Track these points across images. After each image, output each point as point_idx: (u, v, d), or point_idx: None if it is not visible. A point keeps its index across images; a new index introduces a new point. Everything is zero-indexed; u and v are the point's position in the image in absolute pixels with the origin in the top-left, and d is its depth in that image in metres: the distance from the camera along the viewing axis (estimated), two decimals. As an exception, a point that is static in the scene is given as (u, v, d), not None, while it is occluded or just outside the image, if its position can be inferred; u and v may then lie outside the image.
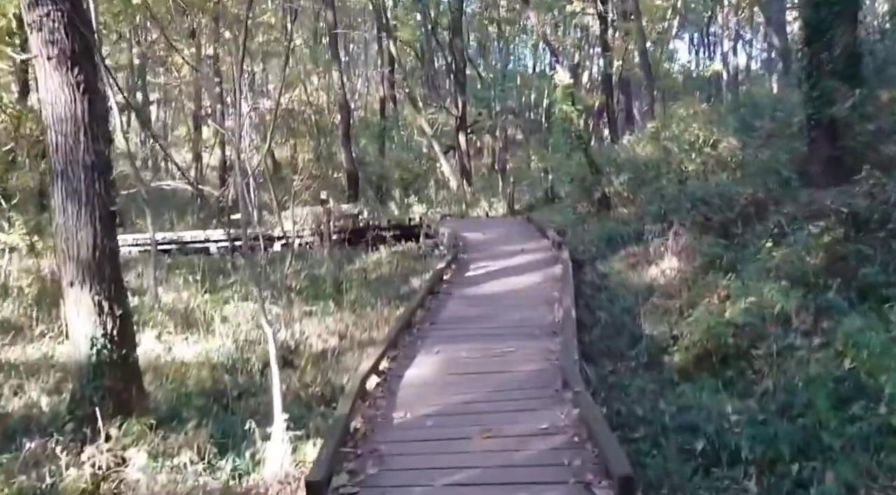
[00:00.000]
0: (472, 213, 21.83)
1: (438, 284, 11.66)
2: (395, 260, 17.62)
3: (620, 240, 13.81)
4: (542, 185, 23.23)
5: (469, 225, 19.07)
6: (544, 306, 10.17)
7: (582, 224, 16.03)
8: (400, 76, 34.19)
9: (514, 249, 14.63)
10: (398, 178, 37.05)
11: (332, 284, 14.89)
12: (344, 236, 21.24)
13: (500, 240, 15.89)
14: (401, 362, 8.13)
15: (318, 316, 13.06)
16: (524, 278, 12.00)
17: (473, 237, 16.40)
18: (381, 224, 20.52)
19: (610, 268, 12.97)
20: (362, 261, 18.41)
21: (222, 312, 13.37)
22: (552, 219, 17.39)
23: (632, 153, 17.64)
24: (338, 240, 21.42)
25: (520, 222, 18.83)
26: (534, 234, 16.46)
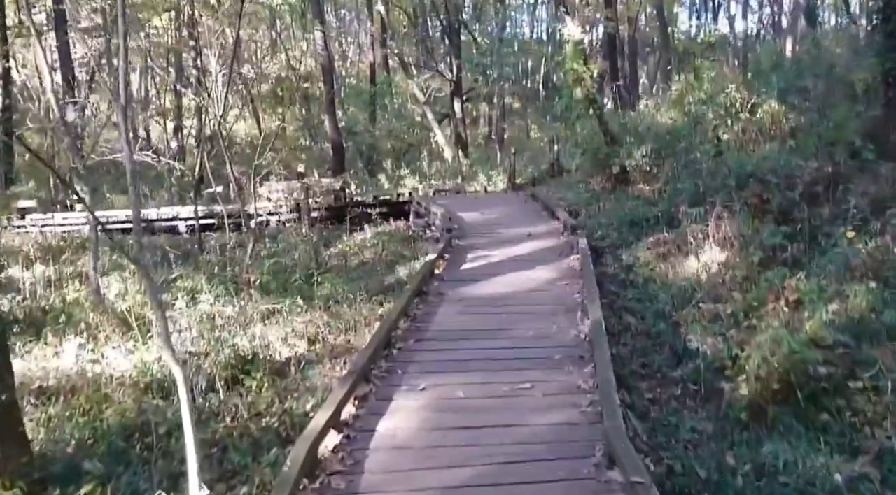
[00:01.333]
0: (468, 188, 19.45)
1: (428, 281, 9.31)
2: (381, 242, 15.28)
3: (646, 224, 11.50)
4: (547, 157, 20.79)
5: (465, 202, 16.69)
6: (564, 314, 7.85)
7: (597, 202, 13.68)
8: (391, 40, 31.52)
9: (519, 233, 12.29)
10: (389, 149, 34.67)
11: (304, 275, 12.55)
12: (325, 214, 18.90)
13: (502, 222, 13.54)
14: (372, 406, 5.81)
15: (284, 315, 10.77)
16: (534, 273, 9.66)
17: (470, 217, 14.04)
18: (367, 200, 18.12)
19: (635, 258, 10.66)
20: (343, 243, 16.06)
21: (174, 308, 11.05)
22: (561, 196, 15.02)
23: (652, 120, 15.21)
24: (318, 218, 19.08)
25: (523, 199, 16.46)
26: (541, 215, 14.10)
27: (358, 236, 16.54)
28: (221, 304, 10.90)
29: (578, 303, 8.19)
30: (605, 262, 10.75)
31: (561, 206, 13.74)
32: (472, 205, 15.75)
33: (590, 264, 9.34)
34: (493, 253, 10.91)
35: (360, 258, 14.45)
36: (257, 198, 19.80)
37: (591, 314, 7.36)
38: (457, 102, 25.27)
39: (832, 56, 14.10)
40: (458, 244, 11.55)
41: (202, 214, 19.65)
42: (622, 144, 14.18)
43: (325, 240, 16.86)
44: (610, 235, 11.68)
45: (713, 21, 45.66)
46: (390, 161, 29.70)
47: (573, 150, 16.26)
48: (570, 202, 14.14)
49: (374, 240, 15.67)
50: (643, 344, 8.20)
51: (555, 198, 14.90)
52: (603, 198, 13.79)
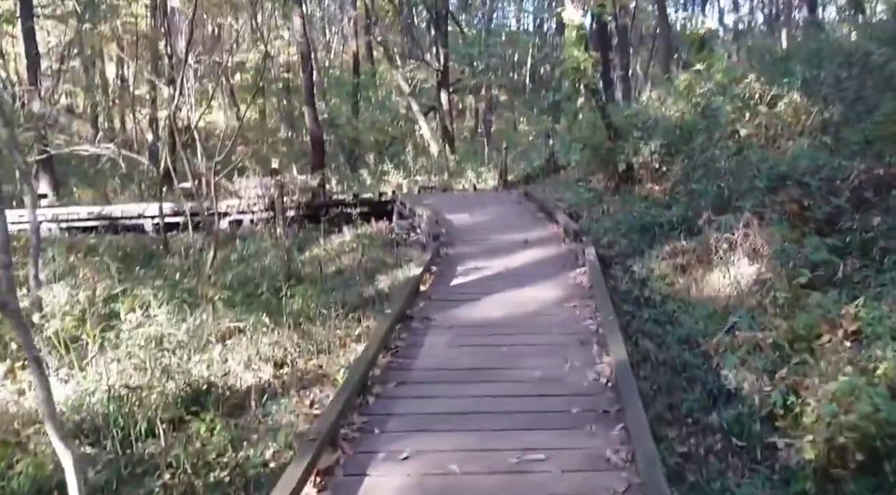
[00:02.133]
0: (456, 186, 17.99)
1: (412, 302, 7.86)
2: (361, 246, 13.83)
3: (659, 230, 10.11)
4: (540, 152, 19.36)
5: (453, 202, 15.23)
6: (576, 348, 6.44)
7: (599, 204, 12.27)
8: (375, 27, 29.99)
9: (514, 240, 10.87)
10: (373, 142, 33.18)
11: (273, 286, 11.10)
12: (301, 213, 17.41)
13: (495, 226, 12.11)
14: (339, 486, 4.39)
15: (248, 333, 9.35)
16: (536, 291, 8.24)
17: (460, 220, 12.61)
18: (347, 199, 16.64)
19: (649, 270, 9.28)
20: (320, 247, 14.60)
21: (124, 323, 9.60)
22: (559, 197, 13.59)
23: (657, 113, 13.80)
24: (294, 217, 17.59)
25: (516, 199, 15.03)
26: (537, 217, 12.68)
27: (336, 239, 15.09)
28: (175, 322, 9.44)
29: (593, 332, 6.78)
30: (614, 275, 9.35)
31: (560, 208, 12.32)
32: (460, 206, 14.31)
33: (601, 281, 7.94)
34: (487, 264, 9.48)
35: (337, 265, 13.00)
36: (228, 195, 18.32)
37: (611, 350, 5.96)
38: (444, 94, 23.81)
39: (852, 45, 12.72)
40: (446, 253, 10.11)
41: (170, 212, 18.16)
42: (627, 140, 12.76)
43: (300, 242, 15.41)
44: (618, 243, 10.28)
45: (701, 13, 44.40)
46: (373, 155, 28.25)
47: (573, 146, 14.81)
48: (569, 203, 12.72)
49: (354, 244, 14.23)
50: (667, 378, 6.83)
51: (552, 199, 13.48)
52: (606, 199, 12.39)
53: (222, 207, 18.00)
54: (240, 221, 18.36)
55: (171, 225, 16.78)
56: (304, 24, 21.44)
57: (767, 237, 8.25)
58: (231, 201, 18.50)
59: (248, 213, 18.02)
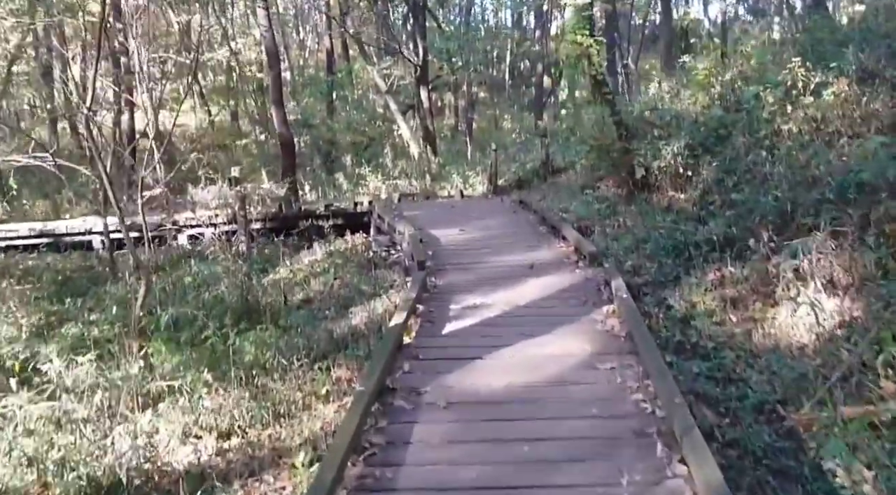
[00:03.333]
0: (440, 192, 15.88)
1: (394, 363, 5.76)
2: (334, 267, 11.75)
3: (696, 252, 8.10)
4: (531, 152, 17.29)
5: (439, 212, 13.15)
6: (631, 447, 4.40)
7: (613, 216, 10.26)
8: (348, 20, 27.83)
9: (517, 263, 8.84)
10: (349, 143, 31.10)
11: (225, 323, 9.03)
12: (269, 226, 15.33)
13: (491, 244, 10.05)
14: None
15: (188, 392, 7.30)
16: (556, 341, 6.19)
17: (448, 237, 10.55)
18: (319, 210, 14.51)
19: (690, 304, 7.27)
20: (287, 267, 12.49)
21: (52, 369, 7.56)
22: (562, 207, 11.54)
23: (671, 108, 11.80)
24: (261, 230, 15.50)
25: (510, 207, 12.97)
26: (538, 232, 10.63)
27: (306, 257, 12.98)
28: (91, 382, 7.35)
29: (648, 415, 4.74)
30: (645, 309, 7.32)
31: (566, 221, 10.29)
32: (447, 218, 12.25)
33: (644, 332, 5.89)
34: (486, 300, 7.41)
35: (305, 291, 10.92)
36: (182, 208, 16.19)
37: (692, 462, 3.93)
38: (423, 91, 21.69)
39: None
40: (434, 285, 8.03)
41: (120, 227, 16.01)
42: (642, 139, 10.76)
43: (265, 261, 13.31)
44: (644, 267, 8.27)
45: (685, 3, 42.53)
46: (350, 157, 26.18)
47: (577, 147, 12.71)
48: (576, 215, 10.70)
49: (325, 264, 12.13)
50: (739, 464, 4.87)
51: (553, 209, 11.44)
52: (620, 210, 10.38)
53: (181, 220, 15.88)
54: (200, 236, 16.23)
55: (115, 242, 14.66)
56: (269, 17, 19.25)
57: (850, 264, 6.28)
58: (191, 213, 16.37)
59: (208, 227, 15.88)
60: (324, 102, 31.89)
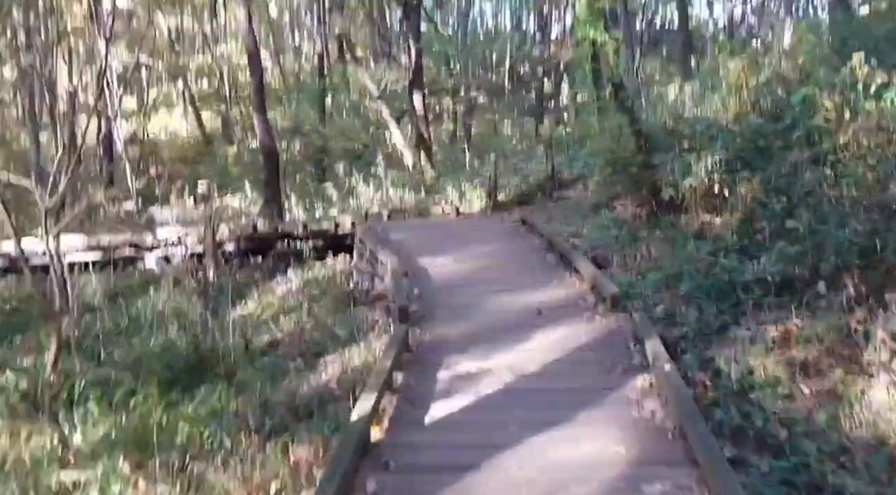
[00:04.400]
0: (434, 208, 14.09)
1: (352, 484, 4.01)
2: (308, 300, 10.05)
3: (746, 295, 6.38)
4: (534, 164, 15.54)
5: (431, 234, 11.39)
6: None
7: (633, 243, 8.54)
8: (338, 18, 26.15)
9: (520, 306, 7.13)
10: (342, 151, 29.44)
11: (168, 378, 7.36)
12: (243, 247, 13.63)
13: (490, 277, 8.33)
14: None
15: (101, 486, 5.59)
16: (578, 436, 4.44)
17: (439, 269, 8.83)
18: (297, 231, 12.78)
19: (745, 369, 5.55)
20: (256, 300, 10.80)
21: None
22: (572, 231, 9.79)
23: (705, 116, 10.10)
24: (235, 252, 13.80)
25: (512, 229, 11.23)
26: (545, 262, 8.90)
27: (279, 286, 11.28)
28: None
29: None
30: (686, 374, 5.59)
31: (578, 249, 8.58)
32: (440, 242, 10.53)
33: (702, 430, 4.17)
34: (484, 365, 5.67)
35: (272, 331, 9.21)
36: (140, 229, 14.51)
37: None
38: (417, 96, 19.95)
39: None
40: (419, 342, 6.30)
41: (85, 247, 14.37)
42: (666, 151, 9.04)
43: (234, 291, 11.60)
44: (679, 313, 6.56)
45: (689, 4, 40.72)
46: (343, 165, 24.47)
47: (589, 160, 10.90)
48: (590, 241, 8.96)
49: (300, 297, 10.43)
50: None
51: (562, 232, 9.70)
52: (643, 236, 8.66)
53: (149, 240, 14.18)
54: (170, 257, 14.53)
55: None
56: (249, 17, 17.58)
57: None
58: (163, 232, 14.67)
59: (179, 246, 14.16)
60: (315, 108, 30.27)
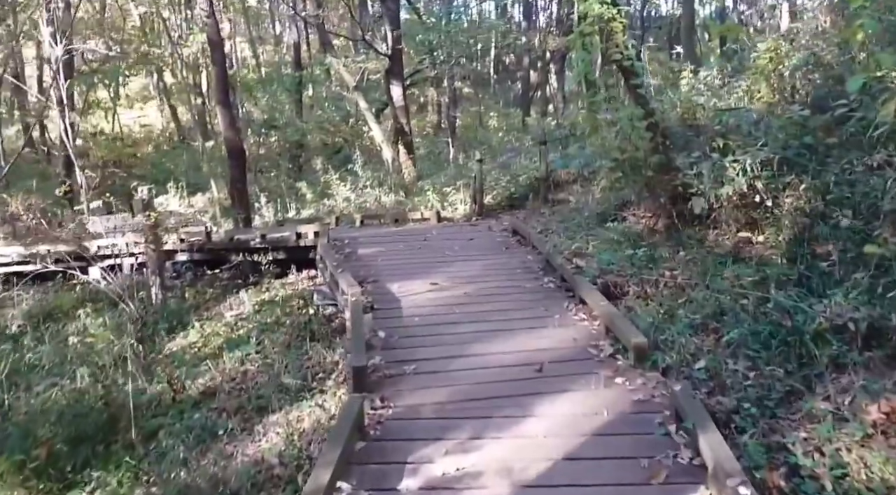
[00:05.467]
0: (412, 214, 12.18)
1: None
2: (259, 328, 8.28)
3: (821, 347, 4.65)
4: (528, 162, 13.70)
5: (407, 248, 9.53)
6: None
7: (652, 264, 6.77)
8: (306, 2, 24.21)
9: (515, 360, 5.39)
10: (320, 145, 27.65)
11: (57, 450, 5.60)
12: (196, 257, 11.86)
13: (477, 315, 6.49)
14: None
15: None
16: None
17: (414, 300, 7.03)
18: (254, 242, 10.95)
19: (832, 458, 3.83)
20: (199, 328, 9.00)
21: None
22: (574, 244, 7.98)
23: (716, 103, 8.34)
24: (187, 263, 12.04)
25: (501, 241, 9.44)
26: (543, 286, 7.15)
27: (229, 311, 9.47)
28: None
29: None
30: (745, 465, 3.87)
31: (583, 274, 6.81)
32: (416, 259, 8.76)
33: None
34: (464, 464, 3.90)
35: (212, 372, 7.43)
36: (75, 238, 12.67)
37: None
38: (395, 86, 18.06)
39: None
40: (379, 421, 4.54)
41: (19, 257, 12.64)
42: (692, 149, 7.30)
43: (177, 315, 9.83)
44: (726, 370, 4.82)
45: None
46: (321, 160, 22.66)
47: (591, 160, 8.97)
48: (598, 261, 7.17)
49: (251, 324, 8.64)
50: None
51: (559, 245, 7.92)
52: (663, 256, 6.91)
53: (93, 248, 12.33)
54: (118, 268, 12.70)
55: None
56: (211, 2, 15.67)
57: None
58: (103, 241, 12.83)
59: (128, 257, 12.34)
60: (293, 100, 28.40)
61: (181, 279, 11.92)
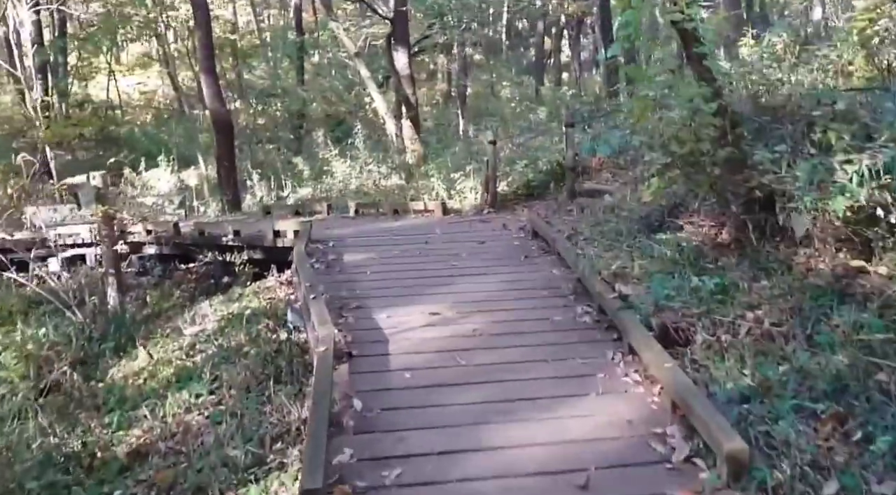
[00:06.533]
0: (415, 204, 10.26)
1: None
2: (219, 356, 6.58)
3: None
4: (551, 144, 11.80)
5: (402, 258, 7.62)
6: None
7: (728, 298, 4.96)
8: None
9: (545, 453, 3.66)
10: (322, 117, 25.77)
11: None
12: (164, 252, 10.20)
13: (489, 367, 4.73)
14: None
15: None
16: None
17: (406, 339, 5.23)
18: (227, 238, 9.21)
19: None
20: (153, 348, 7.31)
21: None
22: (613, 259, 6.13)
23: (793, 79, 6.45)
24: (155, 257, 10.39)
25: (519, 246, 7.61)
26: (578, 324, 5.37)
27: (190, 327, 7.75)
28: None
29: None
30: None
31: (632, 311, 5.02)
32: (414, 271, 6.96)
33: None
34: None
35: (146, 424, 5.74)
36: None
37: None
38: (400, 53, 16.09)
39: None
40: None
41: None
42: (769, 139, 5.48)
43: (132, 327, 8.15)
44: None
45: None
46: (323, 132, 20.87)
47: (648, 151, 6.88)
48: (651, 291, 5.37)
49: (212, 348, 6.94)
50: None
51: (602, 267, 6.08)
52: (737, 283, 5.10)
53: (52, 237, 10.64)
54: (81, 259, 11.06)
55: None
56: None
57: None
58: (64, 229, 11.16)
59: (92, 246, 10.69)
60: (294, 67, 26.50)
61: (148, 276, 10.25)
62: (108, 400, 6.38)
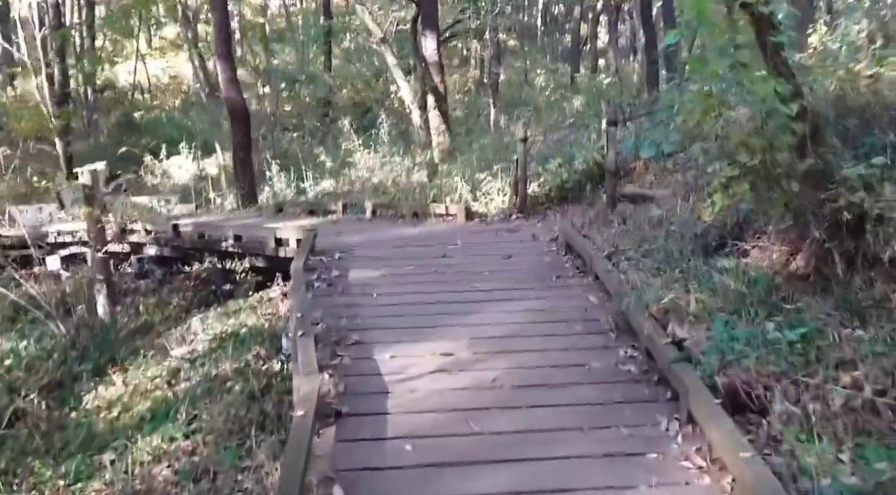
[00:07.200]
0: (435, 207, 9.30)
1: None
2: (202, 387, 5.70)
3: None
4: (588, 141, 10.68)
5: (416, 276, 6.65)
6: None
7: (817, 354, 3.90)
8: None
9: None
10: (349, 104, 24.85)
11: None
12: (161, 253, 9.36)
13: (512, 441, 3.72)
14: None
15: None
16: None
17: (413, 398, 4.22)
18: (227, 243, 8.32)
19: None
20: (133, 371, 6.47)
21: None
22: (663, 289, 5.09)
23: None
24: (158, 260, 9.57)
25: (552, 262, 6.61)
26: (629, 382, 4.33)
27: (178, 347, 6.88)
28: None
29: None
30: None
31: (687, 359, 4.01)
32: (428, 297, 5.91)
33: None
34: None
35: (108, 475, 4.87)
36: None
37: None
38: (428, 38, 14.97)
39: None
40: None
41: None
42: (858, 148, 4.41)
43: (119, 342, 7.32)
44: None
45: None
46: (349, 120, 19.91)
47: (710, 160, 5.73)
48: (716, 336, 4.34)
49: (194, 374, 6.07)
50: None
51: (652, 301, 5.03)
52: (819, 330, 4.04)
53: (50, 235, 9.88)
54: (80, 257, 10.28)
55: None
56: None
57: None
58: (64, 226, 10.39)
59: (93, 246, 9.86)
60: (321, 52, 25.58)
61: (148, 279, 9.42)
62: (75, 437, 5.53)
